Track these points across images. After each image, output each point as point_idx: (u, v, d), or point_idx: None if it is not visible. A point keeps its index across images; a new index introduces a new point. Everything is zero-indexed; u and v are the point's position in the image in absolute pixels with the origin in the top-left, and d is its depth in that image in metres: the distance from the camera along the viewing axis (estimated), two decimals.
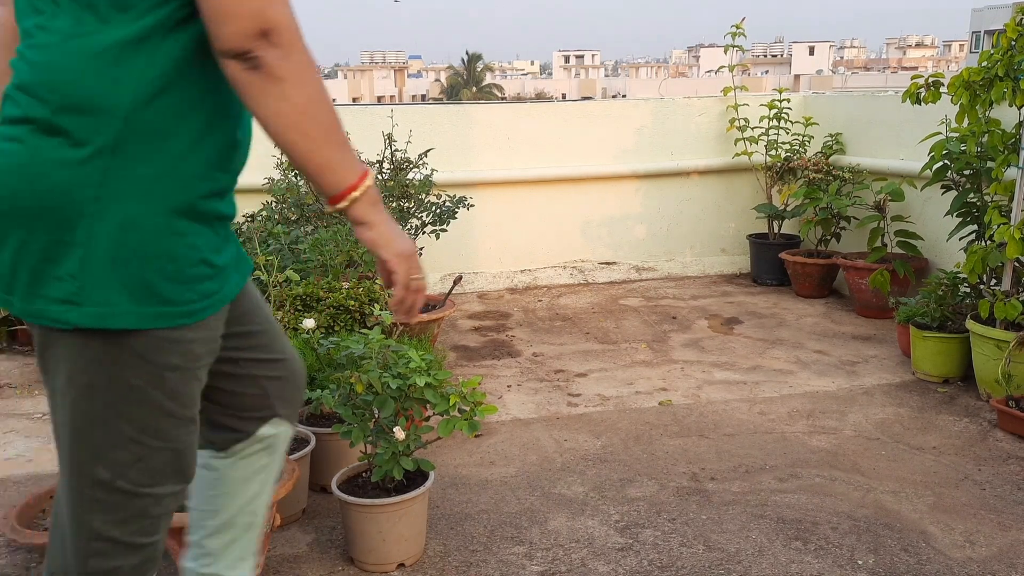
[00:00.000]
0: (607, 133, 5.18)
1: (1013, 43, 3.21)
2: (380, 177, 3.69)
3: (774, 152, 5.13)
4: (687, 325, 4.32)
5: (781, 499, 2.46)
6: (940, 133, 3.65)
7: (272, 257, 2.99)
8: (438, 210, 3.76)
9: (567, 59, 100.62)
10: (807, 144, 5.12)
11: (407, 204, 3.70)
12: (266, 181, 4.25)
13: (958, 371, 3.38)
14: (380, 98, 45.48)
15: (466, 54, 57.23)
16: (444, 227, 3.77)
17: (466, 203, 4.01)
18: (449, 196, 4.05)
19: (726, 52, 5.32)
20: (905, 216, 4.25)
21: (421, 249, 3.87)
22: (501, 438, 2.93)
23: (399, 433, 2.08)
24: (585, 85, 54.69)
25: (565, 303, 4.79)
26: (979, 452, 2.77)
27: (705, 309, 4.62)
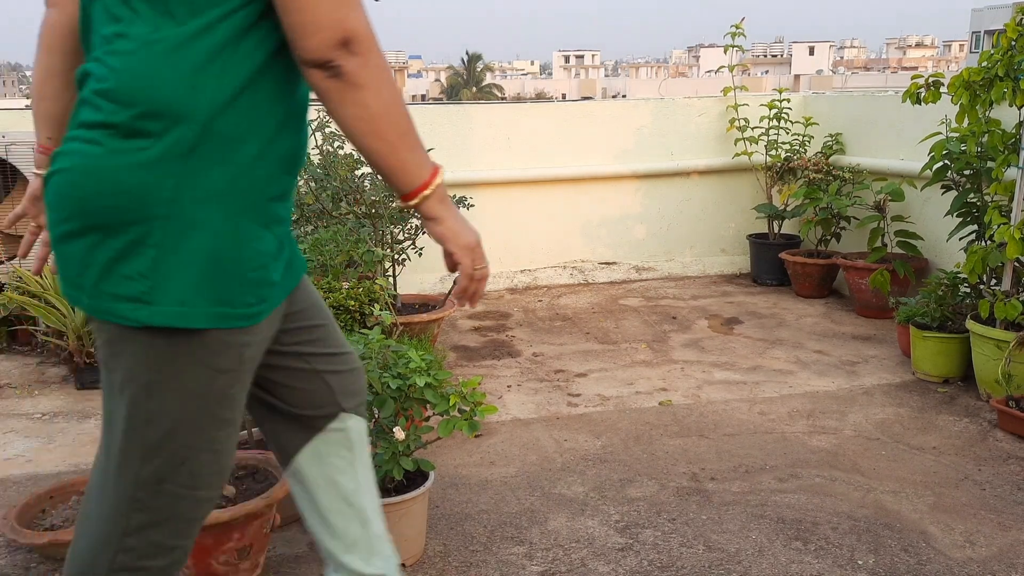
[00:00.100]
0: (607, 133, 5.18)
1: (1013, 43, 3.22)
2: (380, 177, 3.69)
3: (774, 152, 5.14)
4: (687, 325, 4.32)
5: (781, 499, 2.46)
6: (940, 133, 3.65)
7: None
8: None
9: (567, 59, 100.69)
10: (807, 144, 5.12)
11: None
12: None
13: (958, 371, 3.38)
14: None
15: (466, 54, 57.27)
16: None
17: (466, 203, 4.01)
18: (449, 196, 4.05)
19: (726, 52, 5.32)
20: (905, 216, 4.25)
21: (421, 249, 3.88)
22: (501, 438, 2.93)
23: (399, 433, 2.09)
24: (585, 85, 54.71)
25: (565, 303, 4.79)
26: (979, 452, 2.78)
27: (705, 309, 4.62)
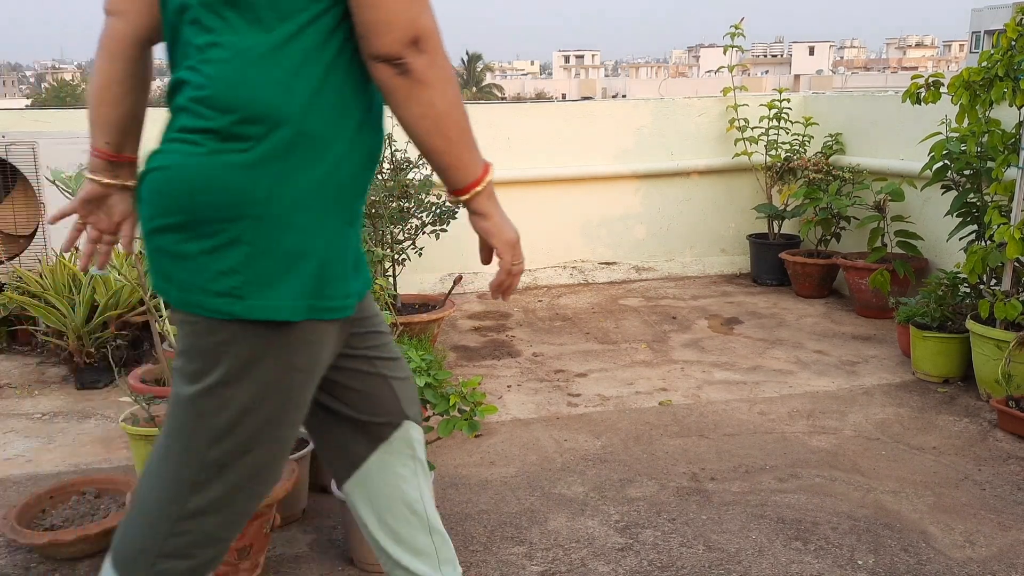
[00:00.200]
0: (607, 133, 5.18)
1: (1013, 43, 3.21)
2: (380, 177, 3.68)
3: (774, 152, 5.14)
4: (687, 325, 4.32)
5: (781, 499, 2.46)
6: (940, 133, 3.65)
7: None
8: (438, 210, 3.75)
9: (567, 59, 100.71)
10: (807, 144, 5.12)
11: (407, 204, 3.70)
12: None
13: (958, 371, 3.38)
14: None
15: (466, 54, 57.28)
16: (444, 227, 3.77)
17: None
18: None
19: (726, 52, 5.32)
20: (905, 216, 4.25)
21: (421, 249, 3.88)
22: (501, 438, 2.93)
23: None
24: (585, 85, 54.72)
25: (565, 303, 4.79)
26: (979, 452, 2.77)
27: (705, 309, 4.62)
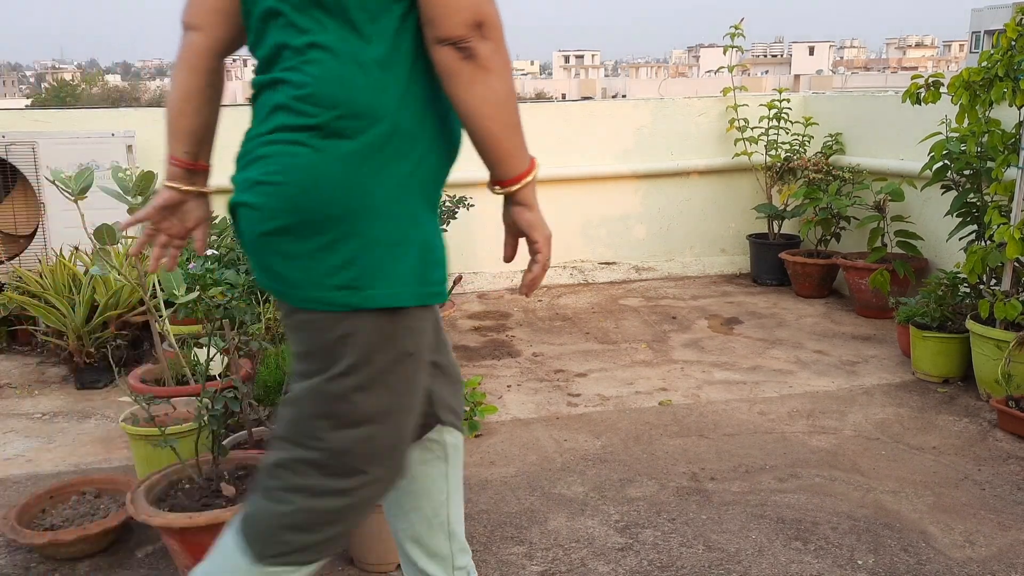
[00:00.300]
0: (607, 133, 5.18)
1: (1013, 43, 3.21)
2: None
3: (774, 152, 5.13)
4: (687, 325, 4.32)
5: (781, 499, 2.46)
6: (940, 133, 3.65)
7: None
8: (438, 210, 3.76)
9: (567, 59, 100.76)
10: (807, 144, 5.12)
11: None
12: None
13: (958, 371, 3.38)
14: None
15: None
16: (444, 227, 3.77)
17: (466, 203, 4.01)
18: (449, 196, 4.05)
19: (725, 52, 5.31)
20: (905, 216, 4.25)
21: None
22: (501, 438, 2.93)
23: None
24: (585, 85, 54.71)
25: (565, 303, 4.79)
26: (979, 452, 2.77)
27: (705, 309, 4.62)
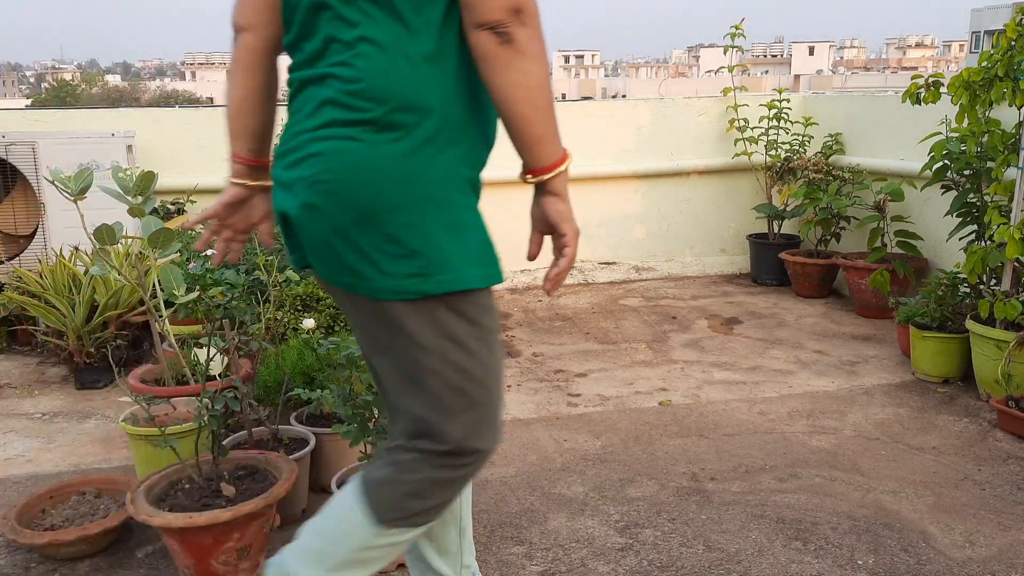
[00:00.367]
0: (607, 133, 5.18)
1: (1013, 43, 3.21)
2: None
3: (774, 152, 5.14)
4: (687, 325, 4.32)
5: (781, 499, 2.46)
6: (940, 133, 3.65)
7: (272, 257, 2.99)
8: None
9: (567, 59, 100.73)
10: (807, 144, 5.12)
11: None
12: None
13: (958, 371, 3.38)
14: None
15: None
16: None
17: None
18: None
19: (726, 52, 5.32)
20: (905, 216, 4.25)
21: None
22: None
23: None
24: (585, 85, 54.67)
25: (565, 303, 4.79)
26: (979, 452, 2.77)
27: (705, 309, 4.62)
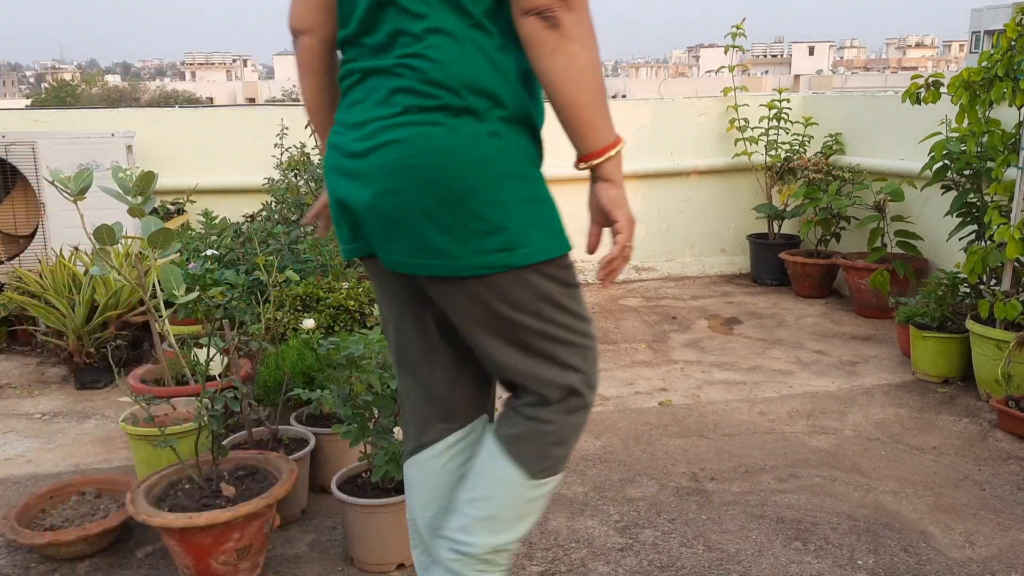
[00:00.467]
0: None
1: (1013, 43, 3.21)
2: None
3: (774, 152, 5.13)
4: (687, 325, 4.32)
5: (781, 499, 2.46)
6: (940, 133, 3.65)
7: (272, 257, 2.99)
8: None
9: None
10: (807, 144, 5.12)
11: None
12: (266, 181, 4.25)
13: (958, 371, 3.38)
14: None
15: None
16: None
17: None
18: None
19: (726, 52, 5.31)
20: (905, 216, 4.25)
21: None
22: None
23: (399, 433, 2.08)
24: None
25: None
26: (979, 452, 2.77)
27: (705, 309, 4.62)
